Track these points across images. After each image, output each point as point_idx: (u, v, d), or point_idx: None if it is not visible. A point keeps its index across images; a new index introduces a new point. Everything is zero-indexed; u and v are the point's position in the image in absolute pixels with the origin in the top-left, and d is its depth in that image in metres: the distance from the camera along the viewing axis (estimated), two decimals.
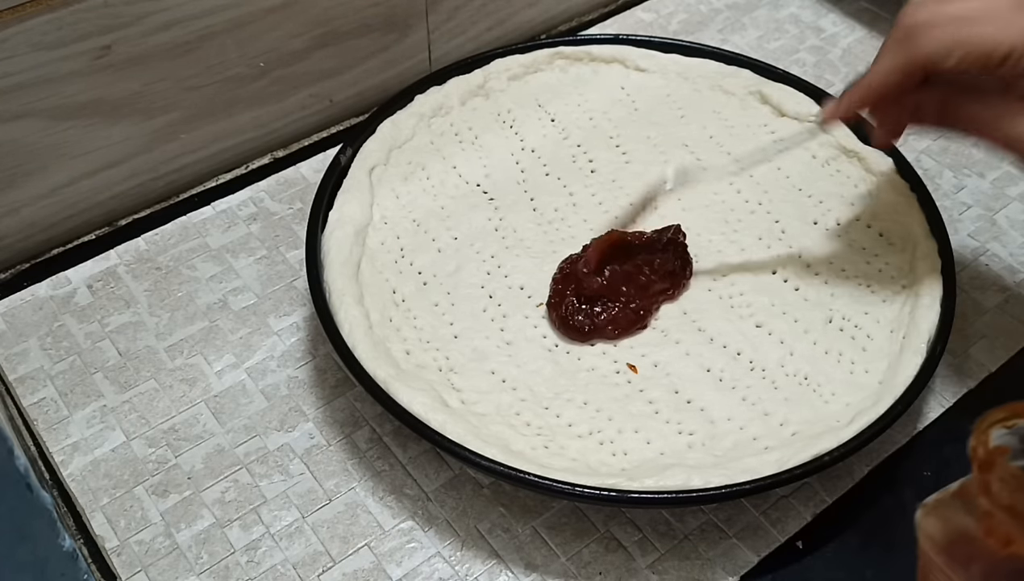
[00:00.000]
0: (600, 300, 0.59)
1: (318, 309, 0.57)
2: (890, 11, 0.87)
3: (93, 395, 0.60)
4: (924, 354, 0.56)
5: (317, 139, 0.77)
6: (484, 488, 0.56)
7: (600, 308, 0.59)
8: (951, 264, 0.60)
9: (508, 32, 0.84)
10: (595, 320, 0.59)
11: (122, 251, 0.68)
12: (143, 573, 0.53)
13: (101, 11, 0.61)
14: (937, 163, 0.75)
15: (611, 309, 0.59)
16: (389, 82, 0.79)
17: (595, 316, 0.59)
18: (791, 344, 0.59)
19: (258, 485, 0.57)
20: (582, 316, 0.59)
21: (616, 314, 0.59)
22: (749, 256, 0.63)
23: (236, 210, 0.71)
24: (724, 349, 0.58)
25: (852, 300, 0.60)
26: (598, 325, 0.59)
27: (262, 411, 0.60)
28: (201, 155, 0.72)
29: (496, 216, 0.65)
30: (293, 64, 0.72)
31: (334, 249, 0.60)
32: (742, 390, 0.57)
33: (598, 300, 0.59)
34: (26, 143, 0.63)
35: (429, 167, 0.68)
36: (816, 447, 0.52)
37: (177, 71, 0.67)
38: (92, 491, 0.56)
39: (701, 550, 0.54)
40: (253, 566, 0.53)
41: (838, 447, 0.52)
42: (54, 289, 0.66)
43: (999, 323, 0.65)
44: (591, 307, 0.59)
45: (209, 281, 0.67)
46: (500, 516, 0.55)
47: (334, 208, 0.63)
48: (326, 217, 0.62)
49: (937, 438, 0.59)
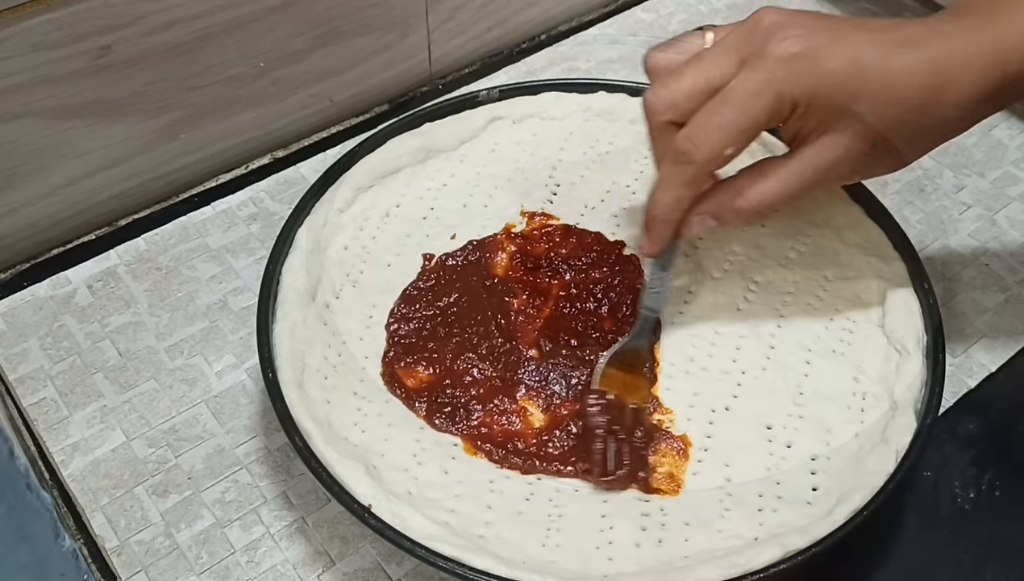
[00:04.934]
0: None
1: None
2: (891, 12, 0.87)
3: (93, 395, 0.60)
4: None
5: (317, 139, 0.77)
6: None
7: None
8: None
9: (508, 32, 0.84)
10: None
11: (122, 251, 0.68)
12: (143, 573, 0.53)
13: (101, 11, 0.61)
14: (937, 163, 0.75)
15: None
16: (389, 82, 0.79)
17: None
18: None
19: (258, 485, 0.57)
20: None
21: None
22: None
23: (236, 210, 0.71)
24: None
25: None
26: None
27: (262, 411, 0.60)
28: (201, 155, 0.72)
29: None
30: (293, 64, 0.72)
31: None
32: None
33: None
34: (26, 143, 0.63)
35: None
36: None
37: (177, 71, 0.67)
38: (92, 491, 0.56)
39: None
40: (253, 566, 0.53)
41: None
42: (54, 289, 0.66)
43: (999, 323, 0.65)
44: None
45: (209, 281, 0.67)
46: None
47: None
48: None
49: (937, 438, 0.59)
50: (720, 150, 0.49)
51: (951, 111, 0.48)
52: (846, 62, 0.47)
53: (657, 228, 0.54)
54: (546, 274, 0.61)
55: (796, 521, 0.50)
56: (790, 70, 0.47)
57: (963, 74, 0.47)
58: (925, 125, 0.48)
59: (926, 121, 0.48)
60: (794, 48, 0.47)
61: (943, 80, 0.47)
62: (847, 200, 0.63)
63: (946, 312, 0.60)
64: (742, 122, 0.48)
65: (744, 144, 0.49)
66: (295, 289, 0.58)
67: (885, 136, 0.48)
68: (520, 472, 0.53)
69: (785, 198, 0.51)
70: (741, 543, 0.49)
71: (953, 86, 0.47)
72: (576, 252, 0.62)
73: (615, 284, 0.60)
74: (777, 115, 0.48)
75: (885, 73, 0.47)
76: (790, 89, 0.47)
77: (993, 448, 0.59)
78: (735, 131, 0.48)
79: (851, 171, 0.51)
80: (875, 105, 0.47)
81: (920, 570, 0.54)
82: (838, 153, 0.49)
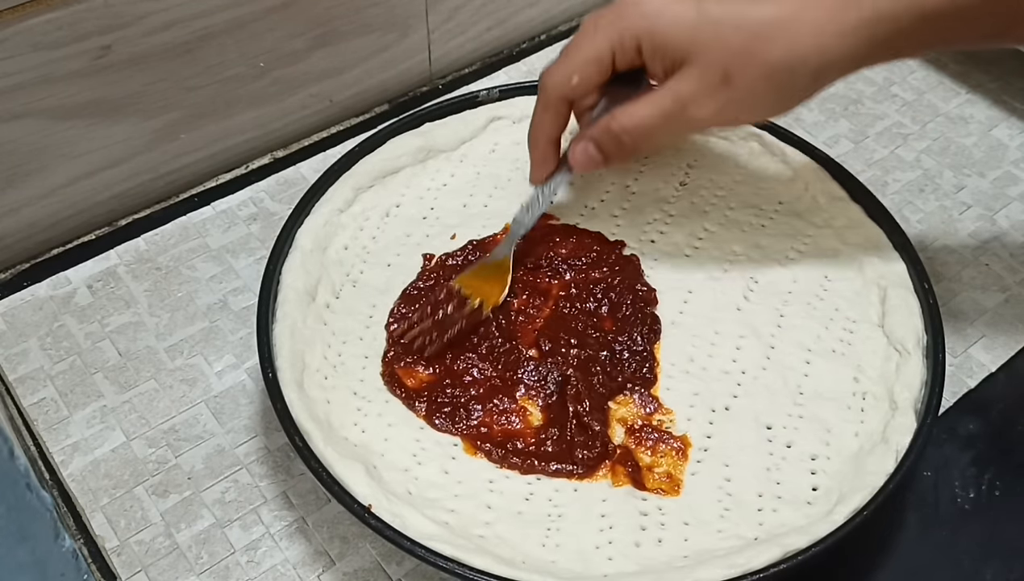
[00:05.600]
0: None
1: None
2: None
3: (93, 395, 0.60)
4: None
5: (317, 139, 0.77)
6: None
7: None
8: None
9: (508, 32, 0.84)
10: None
11: (122, 251, 0.68)
12: (143, 573, 0.53)
13: (101, 11, 0.61)
14: (937, 163, 0.75)
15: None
16: (389, 82, 0.79)
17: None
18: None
19: (258, 485, 0.57)
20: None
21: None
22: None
23: (236, 210, 0.71)
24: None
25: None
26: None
27: (262, 411, 0.60)
28: (201, 155, 0.72)
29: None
30: (293, 64, 0.72)
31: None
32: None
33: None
34: (26, 143, 0.63)
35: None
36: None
37: (177, 71, 0.67)
38: (92, 491, 0.56)
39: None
40: (253, 566, 0.53)
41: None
42: (54, 289, 0.66)
43: (999, 323, 0.65)
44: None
45: (209, 281, 0.67)
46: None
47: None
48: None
49: (937, 438, 0.59)
50: (565, 77, 0.56)
51: (804, 47, 0.51)
52: (684, 8, 0.52)
53: (533, 155, 0.60)
54: (546, 274, 0.61)
55: (796, 521, 0.50)
56: (633, 13, 0.53)
57: (815, 13, 0.50)
58: (775, 60, 0.51)
59: (775, 54, 0.51)
60: (640, 1, 0.54)
61: (796, 15, 0.50)
62: (847, 200, 0.64)
63: (946, 312, 0.60)
64: (584, 53, 0.55)
65: (589, 74, 0.55)
66: (295, 289, 0.58)
67: (731, 70, 0.51)
68: (520, 472, 0.53)
69: (649, 124, 0.54)
70: (741, 543, 0.50)
71: (808, 21, 0.50)
72: (576, 252, 0.62)
73: (615, 284, 0.60)
74: (620, 51, 0.54)
75: (736, 12, 0.51)
76: (631, 28, 0.53)
77: (993, 448, 0.59)
78: (579, 60, 0.55)
79: (713, 108, 0.53)
80: (719, 38, 0.51)
81: (920, 570, 0.54)
82: (690, 85, 0.52)
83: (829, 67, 0.51)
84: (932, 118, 0.78)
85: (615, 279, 0.61)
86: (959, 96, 0.80)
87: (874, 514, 0.49)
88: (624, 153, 0.56)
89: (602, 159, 0.57)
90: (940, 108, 0.79)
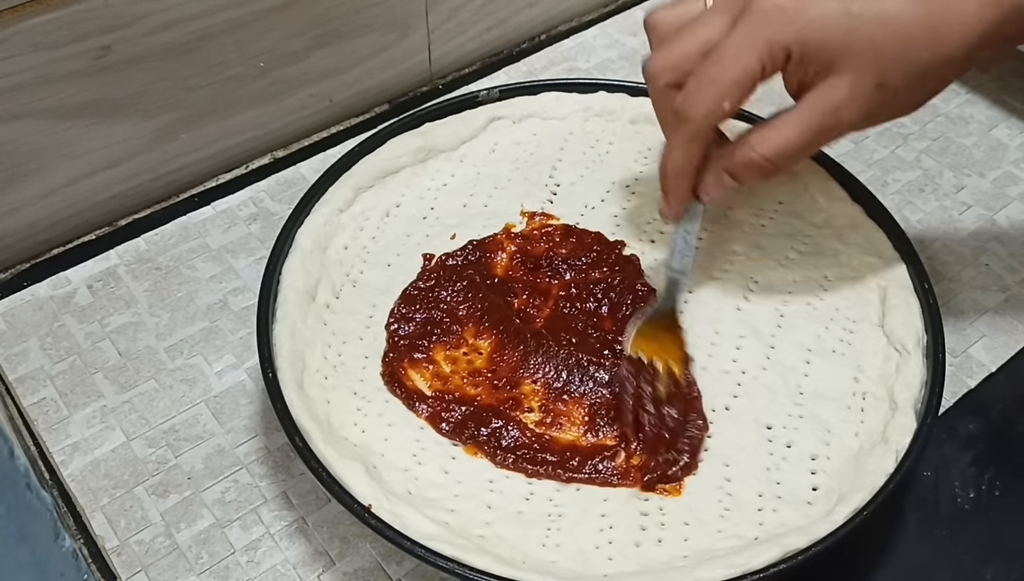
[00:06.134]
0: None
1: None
2: None
3: (93, 395, 0.60)
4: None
5: (317, 139, 0.77)
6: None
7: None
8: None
9: (508, 32, 0.84)
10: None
11: (122, 251, 0.68)
12: (143, 573, 0.53)
13: (101, 11, 0.61)
14: (937, 163, 0.75)
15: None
16: (389, 82, 0.79)
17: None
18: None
19: (258, 485, 0.57)
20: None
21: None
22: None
23: (236, 210, 0.71)
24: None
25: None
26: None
27: (262, 411, 0.60)
28: (201, 155, 0.72)
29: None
30: (293, 64, 0.72)
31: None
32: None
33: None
34: (26, 143, 0.63)
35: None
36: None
37: (177, 71, 0.67)
38: (92, 491, 0.56)
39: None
40: (253, 566, 0.53)
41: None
42: (54, 289, 0.66)
43: (999, 323, 0.65)
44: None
45: (209, 281, 0.67)
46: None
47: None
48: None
49: (937, 438, 0.59)
50: (715, 104, 0.50)
51: (951, 46, 0.48)
52: (835, 4, 0.48)
53: (671, 189, 0.55)
54: (546, 274, 0.61)
55: (796, 521, 0.50)
56: (777, 19, 0.48)
57: (962, 8, 0.48)
58: (924, 62, 0.49)
59: (924, 57, 0.48)
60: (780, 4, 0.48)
61: (942, 13, 0.48)
62: (847, 200, 0.64)
63: (946, 312, 0.60)
64: (733, 74, 0.49)
65: (740, 97, 0.50)
66: (295, 289, 0.58)
67: (885, 76, 0.48)
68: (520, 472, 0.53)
69: (796, 146, 0.51)
70: (741, 543, 0.49)
71: (954, 20, 0.48)
72: (576, 252, 0.62)
73: (615, 284, 0.60)
74: (770, 64, 0.49)
75: (880, 10, 0.48)
76: (779, 37, 0.48)
77: (993, 448, 0.59)
78: (728, 83, 0.49)
79: (861, 115, 0.50)
80: (872, 43, 0.48)
81: (920, 570, 0.54)
82: (842, 94, 0.49)
83: (968, 62, 0.50)
84: (932, 118, 0.78)
85: (615, 279, 0.61)
86: (959, 96, 0.80)
87: (874, 514, 0.49)
88: (766, 179, 0.53)
89: (738, 187, 0.54)
90: (940, 108, 0.79)
